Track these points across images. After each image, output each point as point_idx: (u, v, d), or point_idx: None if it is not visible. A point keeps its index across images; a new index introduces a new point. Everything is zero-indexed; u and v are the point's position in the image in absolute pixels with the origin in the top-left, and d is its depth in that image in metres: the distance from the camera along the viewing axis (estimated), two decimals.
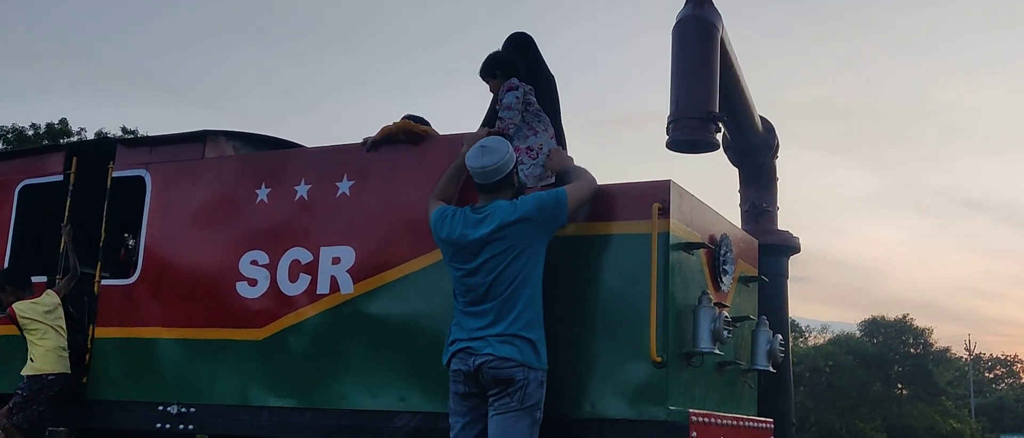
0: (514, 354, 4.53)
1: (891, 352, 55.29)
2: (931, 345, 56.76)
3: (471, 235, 4.69)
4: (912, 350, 55.86)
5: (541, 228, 4.70)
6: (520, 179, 5.00)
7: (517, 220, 4.64)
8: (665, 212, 4.82)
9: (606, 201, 5.00)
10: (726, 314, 5.06)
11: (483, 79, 5.63)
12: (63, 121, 30.69)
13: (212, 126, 6.54)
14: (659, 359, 4.65)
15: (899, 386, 57.15)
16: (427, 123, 5.96)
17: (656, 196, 4.85)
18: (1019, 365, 74.83)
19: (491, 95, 5.65)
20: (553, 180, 5.24)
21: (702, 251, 5.18)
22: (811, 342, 60.40)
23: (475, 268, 4.66)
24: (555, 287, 4.97)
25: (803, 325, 62.97)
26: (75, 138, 30.18)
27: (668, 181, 4.90)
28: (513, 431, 4.51)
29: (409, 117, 5.97)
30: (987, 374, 73.94)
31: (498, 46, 5.82)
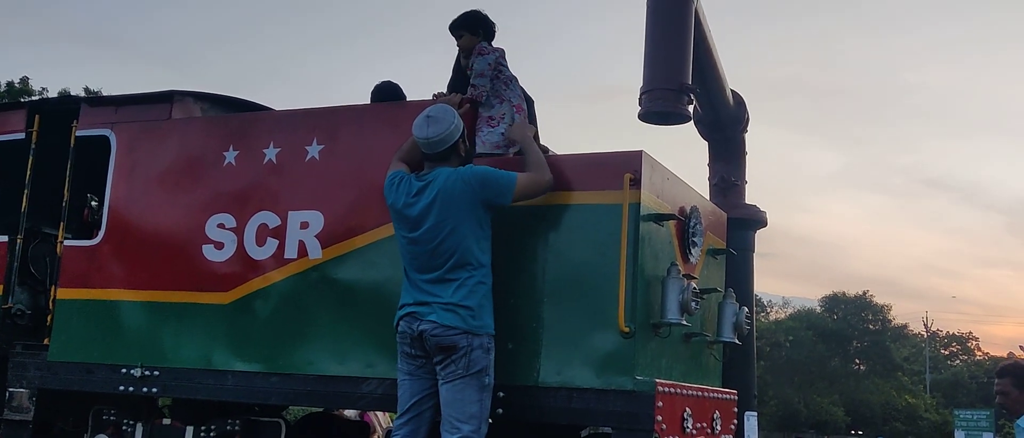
0: (456, 322, 4.58)
1: (850, 328, 56.13)
2: (889, 321, 57.69)
3: (414, 204, 4.72)
4: (871, 326, 56.73)
5: (480, 200, 4.72)
6: (468, 147, 4.97)
7: (459, 190, 4.67)
8: (636, 183, 4.82)
9: (578, 171, 5.00)
10: (694, 286, 5.08)
11: (456, 32, 5.47)
12: (24, 79, 30.18)
13: (180, 87, 6.45)
14: (627, 329, 4.67)
15: (857, 361, 58.06)
16: (400, 89, 5.89)
17: (628, 166, 4.85)
18: (974, 342, 76.25)
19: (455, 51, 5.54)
20: (509, 151, 5.20)
21: (672, 223, 5.20)
22: (772, 317, 61.14)
23: (418, 236, 4.71)
24: (524, 256, 4.98)
25: (765, 300, 63.71)
26: (37, 97, 29.72)
27: (640, 152, 4.89)
28: (462, 398, 4.57)
29: (381, 85, 5.89)
30: (943, 351, 75.26)
31: (467, 7, 5.70)
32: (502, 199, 4.75)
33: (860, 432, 52.41)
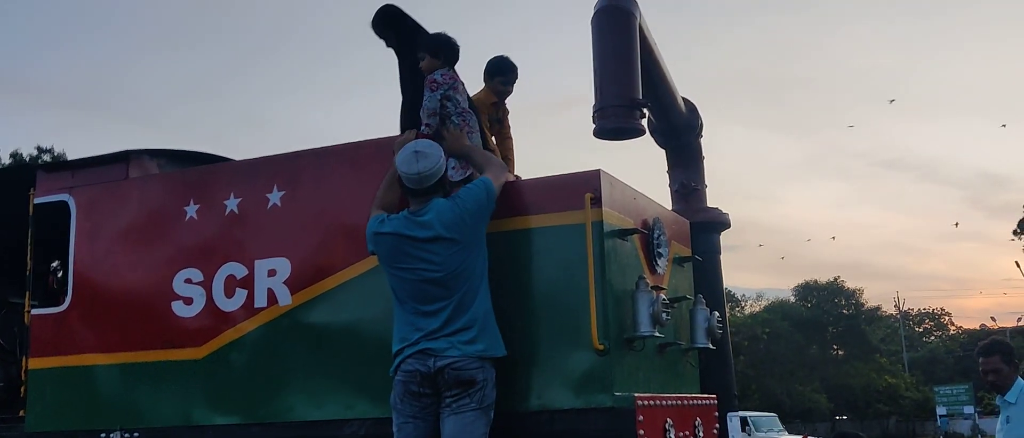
0: (479, 350, 4.59)
1: (825, 315, 56.55)
2: (862, 305, 58.17)
3: (419, 235, 4.68)
4: (845, 311, 57.15)
5: (481, 222, 4.78)
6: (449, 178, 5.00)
7: (460, 218, 4.68)
8: (597, 201, 4.88)
9: (539, 194, 5.05)
10: (664, 296, 5.14)
11: (418, 54, 5.19)
12: None
13: (135, 144, 6.43)
14: (601, 347, 4.71)
15: (834, 347, 58.50)
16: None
17: (587, 186, 4.91)
18: (946, 317, 77.21)
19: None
20: (469, 173, 5.17)
21: (636, 236, 5.26)
22: (748, 311, 61.48)
23: (425, 268, 4.65)
24: (495, 282, 4.99)
25: (738, 295, 64.10)
26: None
27: (598, 171, 4.95)
28: (471, 432, 4.56)
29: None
30: (917, 328, 76.06)
31: (437, 32, 5.31)
32: (493, 207, 4.83)
33: (844, 416, 52.81)
